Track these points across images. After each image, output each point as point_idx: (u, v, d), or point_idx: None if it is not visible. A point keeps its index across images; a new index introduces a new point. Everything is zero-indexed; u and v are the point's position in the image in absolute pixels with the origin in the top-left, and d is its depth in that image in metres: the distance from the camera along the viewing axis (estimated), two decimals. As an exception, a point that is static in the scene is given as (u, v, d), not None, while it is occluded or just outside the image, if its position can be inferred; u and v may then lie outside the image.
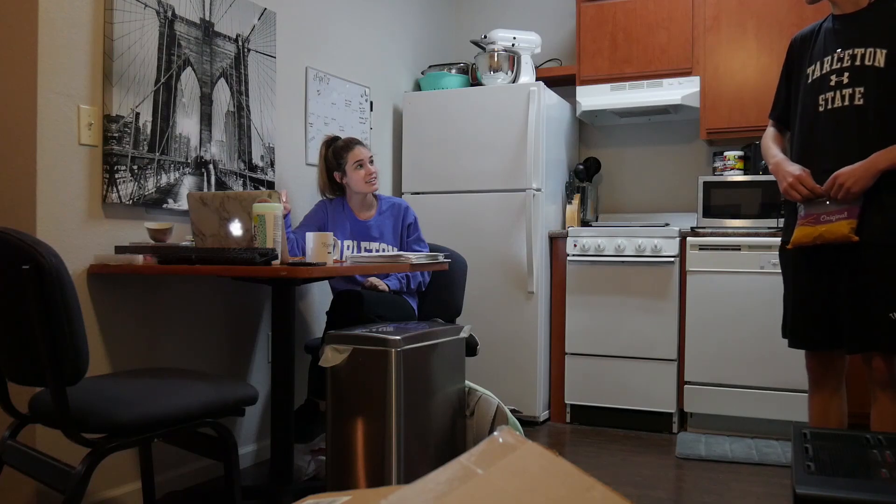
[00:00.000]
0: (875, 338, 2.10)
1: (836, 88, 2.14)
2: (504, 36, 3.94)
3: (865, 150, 2.09)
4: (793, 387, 3.30)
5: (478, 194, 3.81)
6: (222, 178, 2.84)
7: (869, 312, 2.10)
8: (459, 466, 0.89)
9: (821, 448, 1.60)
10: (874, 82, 2.09)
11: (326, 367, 2.35)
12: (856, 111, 2.11)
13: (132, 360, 2.50)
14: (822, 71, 2.19)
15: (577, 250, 3.71)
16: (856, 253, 2.12)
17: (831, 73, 2.16)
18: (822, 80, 2.19)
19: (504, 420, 2.69)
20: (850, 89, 2.12)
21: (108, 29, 2.39)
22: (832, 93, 2.15)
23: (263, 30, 3.04)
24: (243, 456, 2.96)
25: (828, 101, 2.16)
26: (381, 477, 2.29)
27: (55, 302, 1.62)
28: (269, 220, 2.23)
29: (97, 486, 2.38)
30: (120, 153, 2.43)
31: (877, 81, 2.09)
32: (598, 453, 3.22)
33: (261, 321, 3.07)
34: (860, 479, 1.39)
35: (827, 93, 2.17)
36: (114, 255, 2.37)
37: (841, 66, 2.14)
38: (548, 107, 3.80)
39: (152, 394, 1.81)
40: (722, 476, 2.87)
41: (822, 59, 2.20)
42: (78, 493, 1.65)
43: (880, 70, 2.08)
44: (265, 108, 3.06)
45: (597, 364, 3.67)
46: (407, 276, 2.97)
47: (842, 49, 2.15)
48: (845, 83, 2.13)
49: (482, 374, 3.65)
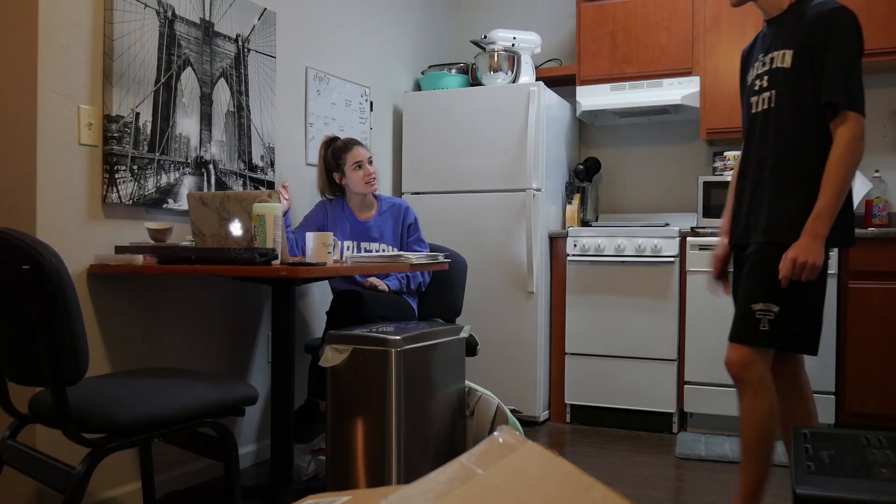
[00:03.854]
0: (737, 328, 2.13)
1: (759, 92, 2.17)
2: (504, 36, 3.94)
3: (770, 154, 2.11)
4: (793, 387, 3.30)
5: (478, 194, 3.81)
6: (222, 178, 2.84)
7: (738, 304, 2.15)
8: (459, 466, 0.89)
9: (821, 448, 1.60)
10: (783, 83, 2.10)
11: (326, 367, 2.35)
12: (768, 114, 2.14)
13: (132, 360, 2.50)
14: (752, 76, 2.22)
15: (577, 250, 3.71)
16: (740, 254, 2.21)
17: (756, 78, 2.19)
18: (751, 85, 2.22)
19: (504, 420, 2.69)
20: (767, 93, 2.14)
21: (108, 29, 2.39)
22: (756, 97, 2.18)
23: (263, 30, 3.04)
24: (243, 456, 2.96)
25: (753, 105, 2.19)
26: (381, 477, 2.29)
27: (55, 302, 1.62)
28: (269, 220, 2.23)
29: (97, 486, 2.38)
30: (120, 153, 2.43)
31: (784, 82, 2.10)
32: (598, 453, 3.22)
33: (261, 321, 3.07)
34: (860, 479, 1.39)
35: (753, 97, 2.20)
36: (114, 255, 2.37)
37: (762, 70, 2.17)
38: (548, 107, 3.80)
39: (152, 394, 1.81)
40: (722, 476, 2.87)
41: (753, 64, 2.23)
42: (78, 493, 1.65)
43: (787, 71, 2.09)
44: (265, 108, 3.06)
45: (597, 364, 3.67)
46: (407, 277, 2.97)
47: (764, 54, 2.18)
48: (765, 87, 2.15)
49: (482, 374, 3.65)
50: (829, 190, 1.99)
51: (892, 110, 3.72)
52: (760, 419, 2.11)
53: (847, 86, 1.99)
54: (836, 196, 2.00)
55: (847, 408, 3.25)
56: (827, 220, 2.01)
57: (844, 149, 1.98)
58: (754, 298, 2.10)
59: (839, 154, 1.99)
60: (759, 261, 2.12)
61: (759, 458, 2.11)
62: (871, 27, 3.42)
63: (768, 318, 2.08)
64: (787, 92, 2.09)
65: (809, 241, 2.01)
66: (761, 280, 2.10)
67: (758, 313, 2.09)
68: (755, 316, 2.09)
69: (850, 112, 1.99)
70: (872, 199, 3.56)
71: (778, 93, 2.11)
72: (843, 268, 3.27)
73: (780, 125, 2.11)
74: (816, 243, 2.02)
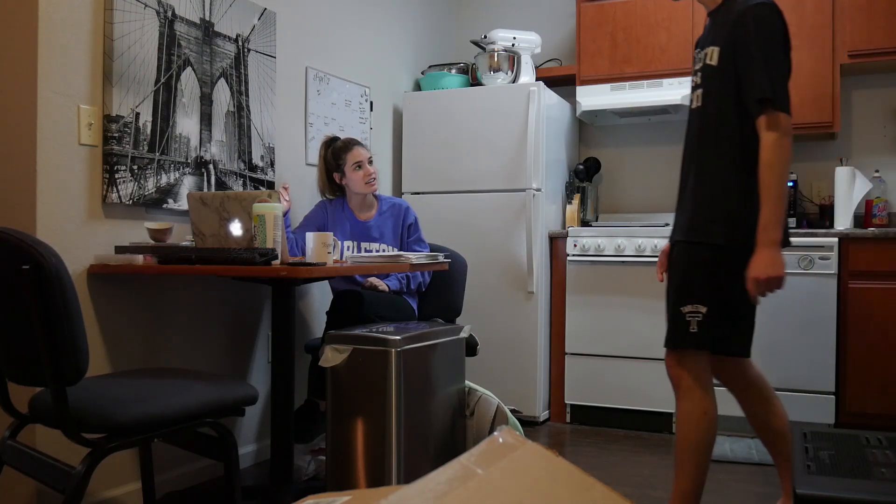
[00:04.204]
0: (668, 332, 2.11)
1: (694, 89, 2.15)
2: (504, 36, 3.94)
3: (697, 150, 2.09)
4: (793, 387, 3.30)
5: (478, 194, 3.81)
6: (222, 178, 2.84)
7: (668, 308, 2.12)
8: (459, 466, 0.89)
9: (821, 448, 1.60)
10: (710, 81, 2.08)
11: (326, 367, 2.35)
12: (698, 112, 2.12)
13: (132, 360, 2.50)
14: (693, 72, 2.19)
15: (577, 250, 3.71)
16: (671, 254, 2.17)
17: (693, 74, 2.17)
18: (692, 81, 2.20)
19: (504, 420, 2.69)
20: (699, 90, 2.12)
21: (108, 29, 2.39)
22: (693, 94, 2.16)
23: (263, 30, 3.04)
24: (243, 456, 2.96)
25: (692, 101, 2.17)
26: (381, 477, 2.29)
27: (55, 302, 1.62)
28: (269, 220, 2.23)
29: (97, 486, 2.38)
30: (120, 153, 2.43)
31: (711, 80, 2.07)
32: (598, 453, 3.22)
33: (261, 321, 3.07)
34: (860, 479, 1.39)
35: (690, 94, 2.18)
36: (114, 255, 2.37)
37: (697, 66, 2.15)
38: (548, 107, 3.80)
39: (152, 394, 1.81)
40: (722, 476, 2.87)
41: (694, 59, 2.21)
42: (78, 493, 1.65)
43: (714, 68, 2.06)
44: (265, 108, 3.06)
45: (597, 364, 3.67)
46: (407, 277, 2.97)
47: (700, 49, 2.16)
48: (697, 84, 2.13)
49: (482, 374, 3.65)
50: (769, 196, 1.93)
51: (892, 110, 3.72)
52: (692, 423, 2.07)
53: (772, 83, 1.94)
54: (778, 200, 1.94)
55: (847, 408, 3.25)
56: (775, 227, 1.94)
57: (773, 151, 1.93)
58: (682, 301, 2.06)
59: (768, 158, 1.93)
60: (676, 261, 2.11)
61: (694, 461, 2.07)
62: (871, 27, 3.43)
63: (697, 319, 2.04)
64: (714, 90, 2.06)
65: (764, 252, 1.94)
66: (687, 281, 2.07)
67: (687, 315, 2.05)
68: (685, 318, 2.05)
69: (774, 111, 1.94)
70: (872, 200, 3.56)
71: (705, 91, 2.09)
72: (843, 268, 3.27)
73: (704, 124, 2.09)
74: (771, 253, 1.94)
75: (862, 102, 3.76)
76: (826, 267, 3.27)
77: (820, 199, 3.81)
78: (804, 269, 3.30)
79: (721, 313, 2.05)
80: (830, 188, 3.71)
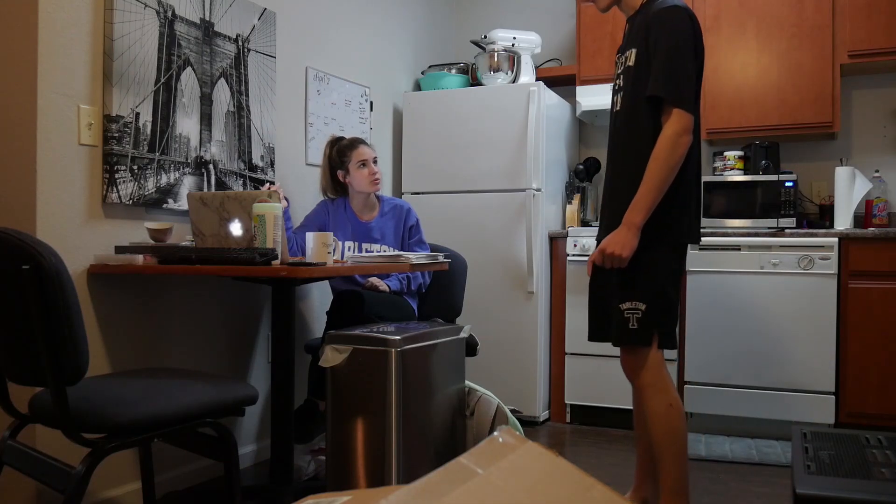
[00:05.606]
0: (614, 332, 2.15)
1: (616, 93, 2.21)
2: (504, 36, 3.94)
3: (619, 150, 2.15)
4: (793, 387, 3.30)
5: (478, 194, 3.81)
6: (222, 178, 2.84)
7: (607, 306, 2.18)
8: (459, 466, 0.89)
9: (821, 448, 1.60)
10: (628, 83, 2.13)
11: (326, 367, 2.35)
12: (618, 115, 2.17)
13: (132, 360, 2.50)
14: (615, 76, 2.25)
15: (577, 250, 3.71)
16: None
17: (616, 78, 2.23)
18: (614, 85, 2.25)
19: (504, 420, 2.69)
20: (620, 93, 2.17)
21: (108, 29, 2.39)
22: (615, 97, 2.22)
23: (263, 30, 3.04)
24: (243, 456, 2.96)
25: (614, 104, 2.23)
26: (381, 477, 2.29)
27: (55, 302, 1.62)
28: (269, 220, 2.23)
29: (97, 486, 2.38)
30: (120, 153, 2.43)
31: (629, 82, 2.13)
32: (598, 453, 3.22)
33: (261, 321, 3.07)
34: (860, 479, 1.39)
35: (614, 96, 2.23)
36: (114, 255, 2.37)
37: (619, 70, 2.21)
38: (548, 107, 3.80)
39: (152, 394, 1.81)
40: (722, 476, 2.87)
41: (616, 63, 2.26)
42: (78, 493, 1.65)
43: (631, 69, 2.12)
44: (265, 108, 3.06)
45: (597, 364, 3.67)
46: (408, 277, 2.97)
47: (620, 53, 2.22)
48: (619, 87, 2.19)
49: (482, 374, 3.65)
50: (647, 183, 2.01)
51: (892, 110, 3.72)
52: (662, 418, 2.11)
53: (672, 81, 2.01)
54: (654, 189, 2.01)
55: (847, 408, 3.25)
56: (641, 212, 2.02)
57: (666, 144, 2.00)
58: (621, 298, 2.12)
59: (659, 149, 2.01)
60: None
61: (674, 453, 2.12)
62: (872, 27, 3.43)
63: (636, 316, 2.09)
64: (631, 91, 2.12)
65: (623, 231, 2.05)
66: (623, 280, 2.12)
67: (626, 312, 2.11)
68: (624, 315, 2.11)
69: (674, 108, 2.00)
70: (872, 200, 3.56)
71: (625, 93, 2.15)
72: (843, 268, 3.27)
73: (622, 124, 2.16)
74: (629, 233, 2.03)
75: (862, 102, 3.76)
76: (826, 267, 3.27)
77: (820, 199, 3.81)
78: (804, 269, 3.30)
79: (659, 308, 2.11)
80: (830, 188, 3.71)
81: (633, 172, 2.08)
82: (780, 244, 3.35)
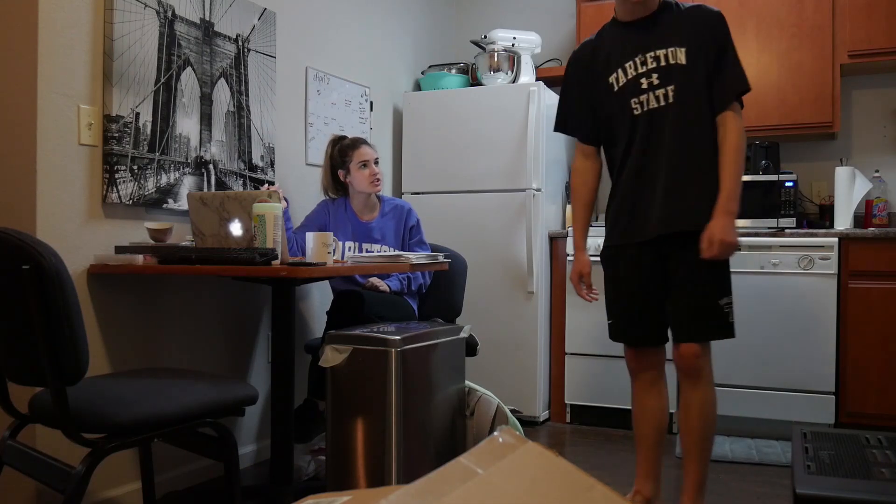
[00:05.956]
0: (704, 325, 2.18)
1: (650, 90, 2.21)
2: (504, 36, 3.94)
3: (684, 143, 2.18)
4: (793, 387, 3.30)
5: (478, 194, 3.81)
6: (222, 178, 2.84)
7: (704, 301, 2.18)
8: (459, 466, 0.89)
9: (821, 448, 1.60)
10: (681, 79, 2.18)
11: (326, 367, 2.35)
12: (671, 108, 2.19)
13: (132, 360, 2.50)
14: (627, 77, 2.24)
15: (577, 250, 3.70)
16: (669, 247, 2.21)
17: (640, 77, 2.22)
18: (631, 86, 2.24)
19: (504, 420, 2.69)
20: (662, 89, 2.19)
21: (108, 29, 2.39)
22: (645, 95, 2.22)
23: (263, 30, 3.04)
24: (243, 456, 2.96)
25: (642, 103, 2.22)
26: (381, 477, 2.29)
27: (55, 302, 1.62)
28: (269, 220, 2.23)
29: (97, 486, 2.38)
30: (120, 153, 2.43)
31: (682, 78, 2.18)
32: (598, 453, 3.22)
33: (261, 321, 3.07)
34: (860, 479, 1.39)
35: (640, 95, 2.22)
36: (114, 255, 2.37)
37: (647, 68, 2.21)
38: (548, 107, 3.80)
39: (152, 394, 1.81)
40: (722, 476, 2.87)
41: (623, 65, 2.25)
42: (78, 493, 1.65)
43: (684, 66, 2.18)
44: (265, 108, 3.06)
45: (597, 364, 3.67)
46: (408, 278, 2.97)
47: (642, 53, 2.22)
48: (656, 84, 2.20)
49: (482, 374, 3.65)
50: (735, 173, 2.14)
51: (892, 110, 3.72)
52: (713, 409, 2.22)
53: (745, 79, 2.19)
54: (740, 178, 2.16)
55: (847, 408, 3.25)
56: (735, 200, 2.14)
57: (741, 135, 2.17)
58: (721, 293, 2.17)
59: (738, 141, 2.16)
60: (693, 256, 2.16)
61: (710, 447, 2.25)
62: (872, 27, 3.43)
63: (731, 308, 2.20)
64: (686, 86, 2.18)
65: (726, 219, 2.11)
66: (719, 274, 2.18)
67: (725, 307, 2.17)
68: (724, 310, 2.17)
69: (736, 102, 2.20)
70: (872, 200, 3.56)
71: (676, 88, 2.18)
72: (843, 268, 3.27)
73: (680, 119, 2.19)
74: (732, 221, 2.12)
75: (862, 102, 3.76)
76: (826, 267, 3.27)
77: (820, 199, 3.81)
78: (804, 269, 3.30)
79: None
80: (830, 188, 3.71)
81: (708, 164, 2.17)
82: (780, 244, 3.35)
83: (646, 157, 2.23)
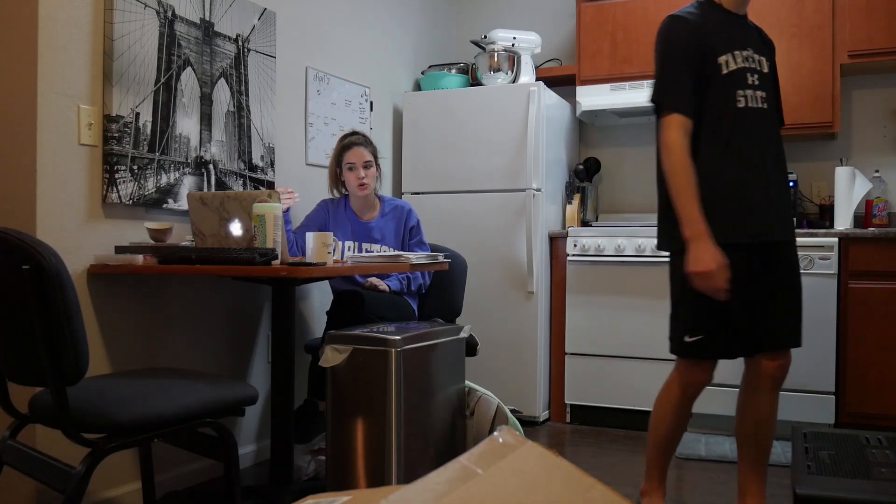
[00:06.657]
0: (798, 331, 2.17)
1: (752, 88, 2.14)
2: (504, 36, 3.94)
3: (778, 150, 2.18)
4: (792, 387, 3.30)
5: (478, 194, 3.81)
6: (222, 178, 2.84)
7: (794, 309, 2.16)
8: (459, 466, 0.89)
9: (821, 448, 1.60)
10: (769, 88, 2.20)
11: (326, 367, 2.35)
12: (766, 113, 2.17)
13: (132, 360, 2.50)
14: (737, 65, 2.12)
15: (577, 250, 3.71)
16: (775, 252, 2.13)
17: (746, 71, 2.13)
18: (738, 75, 2.10)
19: (504, 420, 2.69)
20: (762, 92, 2.15)
21: (108, 29, 2.39)
22: (750, 91, 2.12)
23: (263, 30, 3.04)
24: (243, 456, 2.96)
25: (747, 98, 2.12)
26: (381, 477, 2.29)
27: (55, 302, 1.62)
28: (269, 220, 2.23)
29: (97, 486, 2.38)
30: (120, 153, 2.43)
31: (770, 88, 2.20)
32: (598, 453, 3.22)
33: (261, 321, 3.07)
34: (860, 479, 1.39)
35: (746, 90, 2.12)
36: (114, 255, 2.37)
37: (750, 65, 2.15)
38: (548, 107, 3.80)
39: (152, 394, 1.81)
40: (722, 476, 2.87)
41: (732, 52, 2.11)
42: (78, 493, 1.65)
43: (769, 77, 2.21)
44: (265, 108, 3.06)
45: (597, 364, 3.67)
46: (408, 278, 2.97)
47: (745, 49, 2.16)
48: (757, 85, 2.15)
49: (482, 374, 3.65)
50: None
51: (892, 110, 3.72)
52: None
53: None
54: None
55: (847, 408, 3.25)
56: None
57: None
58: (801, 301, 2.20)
59: None
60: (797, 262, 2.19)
61: None
62: (871, 27, 3.43)
63: None
64: (771, 100, 2.19)
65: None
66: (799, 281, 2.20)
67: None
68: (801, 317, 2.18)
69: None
70: (872, 200, 3.56)
71: (767, 96, 2.17)
72: (843, 268, 3.27)
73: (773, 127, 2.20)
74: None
75: (862, 102, 3.76)
76: (826, 267, 3.27)
77: (820, 199, 3.80)
78: (804, 270, 3.29)
79: None
80: (830, 188, 3.71)
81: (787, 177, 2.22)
82: (780, 244, 3.35)
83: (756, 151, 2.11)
